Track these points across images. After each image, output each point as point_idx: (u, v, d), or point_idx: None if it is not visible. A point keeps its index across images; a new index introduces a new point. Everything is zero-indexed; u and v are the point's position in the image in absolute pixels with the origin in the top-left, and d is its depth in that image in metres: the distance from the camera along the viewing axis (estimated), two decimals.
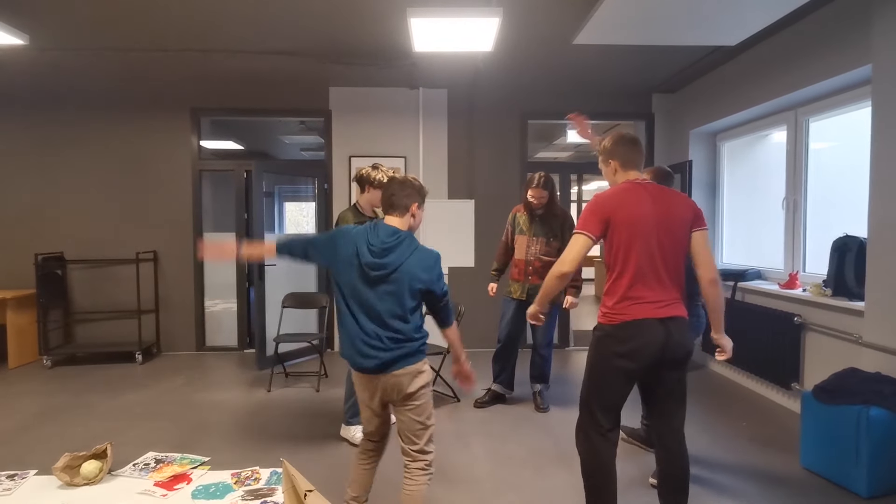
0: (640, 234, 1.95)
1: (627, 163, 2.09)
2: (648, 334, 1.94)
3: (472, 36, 3.30)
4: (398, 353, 1.93)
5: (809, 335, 3.51)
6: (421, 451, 2.03)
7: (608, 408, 2.04)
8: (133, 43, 4.02)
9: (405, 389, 1.97)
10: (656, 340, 1.94)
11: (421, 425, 2.02)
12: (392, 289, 1.91)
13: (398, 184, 2.04)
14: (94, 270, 5.20)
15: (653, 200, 1.99)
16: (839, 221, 3.54)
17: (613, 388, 2.02)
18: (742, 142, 4.83)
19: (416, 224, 2.06)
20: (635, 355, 1.95)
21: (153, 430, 3.32)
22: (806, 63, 3.52)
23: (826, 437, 2.67)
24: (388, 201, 2.02)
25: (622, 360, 1.96)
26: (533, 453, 2.98)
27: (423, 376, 2.01)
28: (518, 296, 3.65)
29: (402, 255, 1.92)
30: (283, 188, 9.59)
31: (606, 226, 1.97)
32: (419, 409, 2.01)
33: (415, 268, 1.92)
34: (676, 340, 1.97)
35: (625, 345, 1.95)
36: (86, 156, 5.15)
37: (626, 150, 2.10)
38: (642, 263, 1.95)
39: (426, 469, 2.03)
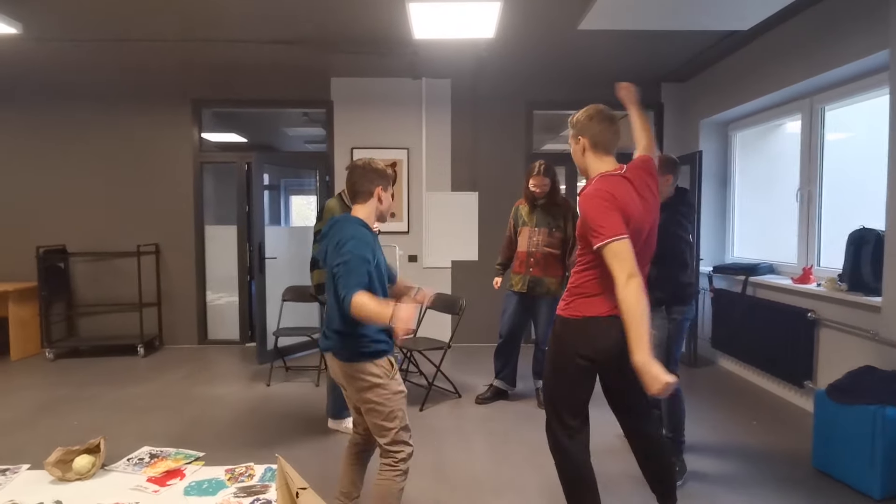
0: (635, 227, 1.79)
1: (599, 144, 1.85)
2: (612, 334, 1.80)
3: (472, 22, 3.21)
4: (339, 344, 1.90)
5: (823, 331, 3.39)
6: (386, 448, 1.93)
7: (576, 406, 1.95)
8: (133, 33, 3.97)
9: (351, 386, 1.93)
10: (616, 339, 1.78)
11: (380, 427, 1.92)
12: (329, 274, 1.91)
13: (359, 169, 1.97)
14: (97, 263, 5.19)
15: (637, 189, 1.85)
16: (855, 214, 3.41)
17: (579, 387, 1.95)
18: (754, 132, 4.68)
19: (385, 208, 2.02)
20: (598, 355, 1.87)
21: (151, 424, 3.29)
22: (822, 49, 3.37)
23: (839, 438, 2.56)
24: (352, 189, 1.98)
25: (585, 359, 1.88)
26: (535, 451, 2.90)
27: (368, 380, 1.88)
28: (519, 289, 3.56)
29: (331, 240, 1.90)
30: (289, 181, 9.57)
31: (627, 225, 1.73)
32: (374, 412, 1.91)
33: (332, 248, 1.87)
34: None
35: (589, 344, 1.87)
36: (87, 148, 5.12)
37: (601, 128, 1.85)
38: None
39: (393, 467, 1.92)
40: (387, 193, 2.01)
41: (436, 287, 4.65)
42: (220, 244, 5.33)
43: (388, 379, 1.91)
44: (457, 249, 5.28)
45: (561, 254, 3.49)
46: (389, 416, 1.91)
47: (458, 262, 5.29)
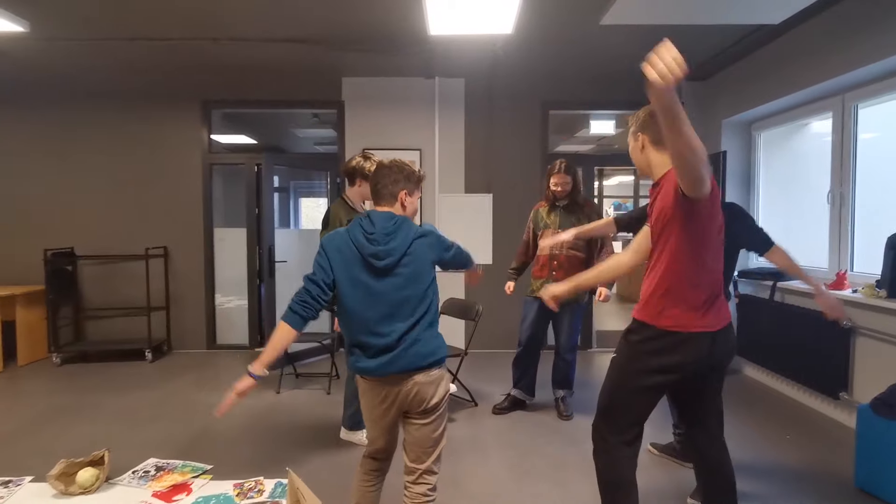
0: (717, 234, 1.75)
1: (660, 140, 1.75)
2: (694, 349, 1.73)
3: (491, 16, 3.08)
4: (418, 352, 1.73)
5: (861, 340, 3.22)
6: (428, 470, 1.82)
7: (637, 420, 1.84)
8: (141, 33, 3.89)
9: (427, 398, 1.76)
10: (701, 354, 1.73)
11: (433, 442, 1.82)
12: (407, 272, 1.74)
13: (385, 169, 1.83)
14: (105, 266, 5.11)
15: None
16: (890, 217, 3.24)
17: (647, 400, 1.82)
18: (780, 131, 4.51)
19: (409, 213, 1.86)
20: (675, 370, 1.76)
21: (157, 434, 3.19)
22: (858, 43, 3.21)
23: (885, 456, 2.39)
24: (375, 191, 1.84)
25: (661, 374, 1.76)
26: (556, 466, 2.76)
27: (445, 383, 1.83)
28: (541, 294, 3.41)
29: (407, 237, 1.75)
30: (299, 184, 9.50)
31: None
32: (436, 423, 1.81)
33: (423, 247, 1.77)
34: (722, 350, 1.78)
35: (667, 357, 1.74)
36: (95, 150, 5.05)
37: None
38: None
39: (429, 495, 1.81)
40: (413, 198, 1.85)
41: (449, 293, 4.54)
42: (229, 247, 5.24)
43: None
44: (470, 253, 5.13)
45: (586, 256, 3.35)
46: (445, 430, 1.85)
47: None
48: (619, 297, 9.15)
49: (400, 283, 1.74)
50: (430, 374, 1.76)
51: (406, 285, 1.74)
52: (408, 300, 1.74)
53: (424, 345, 1.74)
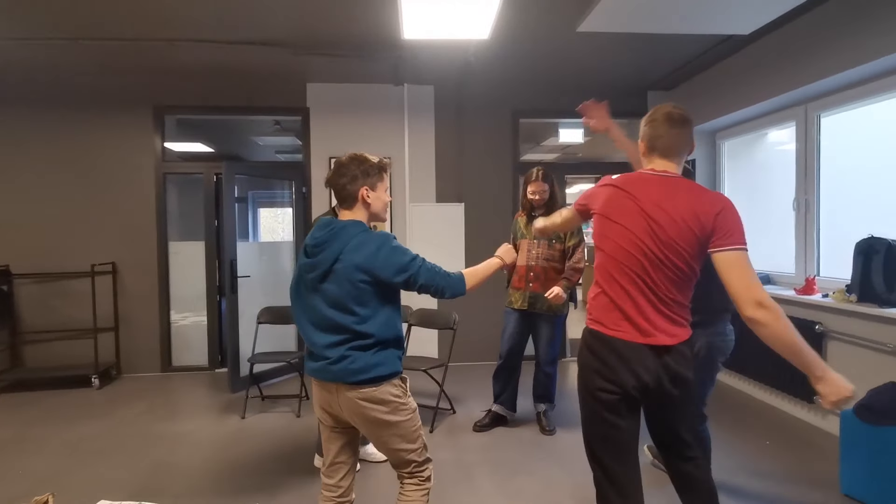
0: (629, 235, 1.64)
1: (654, 148, 1.71)
2: (628, 364, 1.62)
3: (468, 20, 2.99)
4: (346, 368, 1.61)
5: (832, 344, 3.28)
6: (410, 472, 1.78)
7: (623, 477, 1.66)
8: (87, 32, 3.58)
9: (363, 414, 1.66)
10: (640, 373, 1.61)
11: (405, 451, 1.75)
12: (333, 288, 1.61)
13: (340, 168, 1.69)
14: (45, 285, 4.68)
15: (658, 199, 1.62)
16: (856, 221, 3.34)
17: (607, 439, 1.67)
18: (742, 140, 4.63)
19: (377, 210, 1.73)
20: (613, 389, 1.64)
21: (107, 471, 2.87)
22: (822, 54, 3.30)
23: (872, 461, 2.41)
24: (336, 194, 1.72)
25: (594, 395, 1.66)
26: (547, 487, 2.65)
27: (387, 406, 1.66)
28: (519, 306, 3.33)
29: (339, 246, 1.61)
30: (258, 193, 9.13)
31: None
32: (395, 439, 1.71)
33: (353, 259, 1.60)
34: (673, 374, 1.63)
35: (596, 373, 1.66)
36: (34, 158, 4.64)
37: (650, 129, 1.72)
38: (626, 275, 1.66)
39: (421, 485, 1.78)
40: (376, 192, 1.71)
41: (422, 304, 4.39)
42: (185, 261, 4.91)
43: (406, 397, 1.73)
44: (443, 263, 4.90)
45: (562, 267, 3.28)
46: (413, 435, 1.74)
47: None
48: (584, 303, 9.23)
49: (323, 302, 1.63)
50: (363, 392, 1.63)
51: (331, 305, 1.62)
52: (338, 315, 1.62)
53: (354, 361, 1.61)
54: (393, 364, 1.68)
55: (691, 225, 1.56)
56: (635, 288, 1.60)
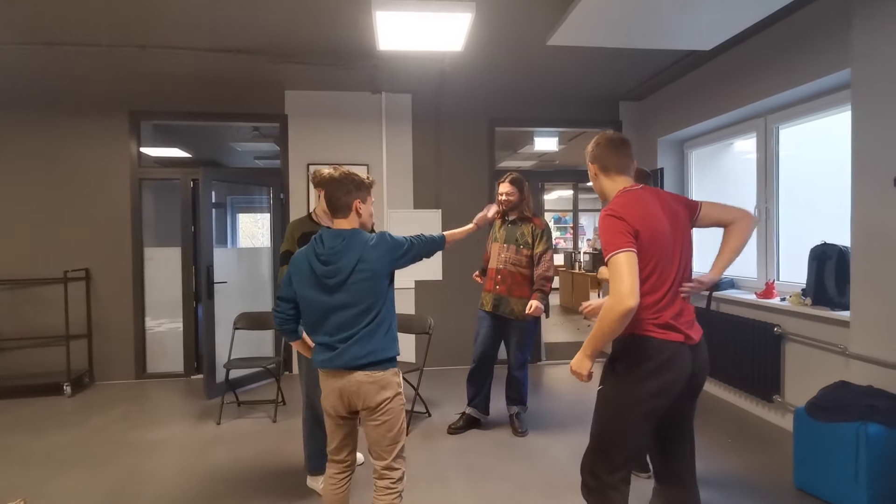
0: (665, 245, 1.73)
1: (608, 167, 1.86)
2: (683, 362, 1.72)
3: (441, 33, 3.08)
4: (355, 354, 1.84)
5: (790, 346, 3.44)
6: (388, 467, 1.92)
7: (641, 449, 1.80)
8: (62, 37, 3.56)
9: (368, 397, 1.86)
10: (687, 369, 1.73)
11: (390, 440, 1.91)
12: (357, 286, 1.84)
13: (336, 182, 1.90)
14: (15, 292, 4.61)
15: (660, 203, 1.80)
16: (813, 228, 3.50)
17: (642, 432, 1.76)
18: (709, 150, 4.81)
19: (365, 219, 1.97)
20: (673, 387, 1.71)
21: (79, 480, 2.86)
22: (779, 69, 3.48)
23: (822, 457, 2.54)
24: (330, 204, 1.92)
25: (658, 392, 1.70)
26: (519, 488, 2.72)
27: (390, 389, 1.89)
28: (488, 308, 3.42)
29: (355, 253, 1.84)
30: (237, 199, 9.06)
31: (636, 238, 1.67)
32: (388, 424, 1.90)
33: (372, 258, 1.85)
34: (701, 366, 1.80)
35: (664, 374, 1.70)
36: (6, 163, 4.57)
37: (606, 152, 1.87)
38: (670, 278, 1.74)
39: (393, 488, 1.92)
40: (366, 204, 1.95)
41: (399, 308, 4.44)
42: (161, 267, 4.89)
43: (401, 389, 1.94)
44: (420, 269, 5.06)
45: (529, 273, 3.37)
46: (401, 428, 1.93)
47: (421, 281, 5.09)
48: (561, 307, 9.38)
49: (349, 297, 1.84)
50: (372, 375, 1.85)
51: (356, 298, 1.84)
52: (357, 310, 1.84)
53: (362, 346, 1.83)
54: (396, 349, 1.93)
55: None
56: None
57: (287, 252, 2.58)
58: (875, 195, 2.71)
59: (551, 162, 8.52)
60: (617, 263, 1.60)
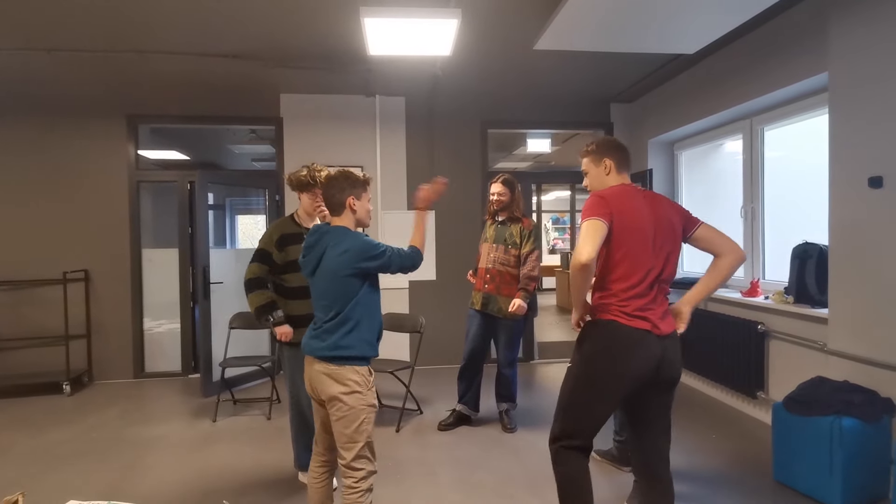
0: (642, 236, 1.84)
1: (622, 166, 2.03)
2: (647, 350, 1.82)
3: (429, 39, 3.16)
4: (315, 346, 1.95)
5: (773, 343, 3.51)
6: (349, 466, 1.92)
7: (595, 425, 1.89)
8: (61, 43, 3.65)
9: (322, 388, 1.94)
10: (653, 358, 1.82)
11: (347, 438, 1.92)
12: (320, 280, 1.97)
13: (331, 181, 2.01)
14: (15, 293, 4.69)
15: (650, 206, 1.91)
16: (796, 228, 3.57)
17: (606, 403, 1.88)
18: (699, 151, 4.88)
19: (362, 216, 2.04)
20: (634, 372, 1.82)
21: (78, 474, 2.94)
22: (762, 72, 3.55)
23: (799, 450, 2.61)
24: (327, 204, 2.03)
25: (620, 374, 1.83)
26: (504, 481, 2.79)
27: (346, 385, 1.91)
28: (478, 307, 3.49)
29: (323, 246, 1.97)
30: (235, 201, 9.17)
31: (612, 220, 1.82)
32: (344, 421, 1.91)
33: (333, 255, 1.94)
34: (671, 360, 1.86)
35: (626, 357, 1.82)
36: (6, 166, 4.66)
37: (621, 153, 2.05)
38: (645, 269, 1.84)
39: (354, 487, 1.92)
40: (361, 201, 2.02)
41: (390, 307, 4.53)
42: (159, 268, 4.96)
43: (365, 390, 1.94)
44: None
45: (518, 272, 3.43)
46: (360, 431, 1.92)
47: (415, 282, 5.17)
48: (558, 308, 9.45)
49: (320, 286, 1.99)
50: (328, 367, 1.92)
51: (324, 290, 1.97)
52: (325, 303, 1.97)
53: (322, 339, 1.93)
54: (360, 349, 1.93)
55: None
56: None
57: (262, 251, 2.65)
58: (851, 195, 2.78)
59: (547, 163, 8.59)
60: (584, 227, 1.81)
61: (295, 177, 2.73)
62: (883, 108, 2.60)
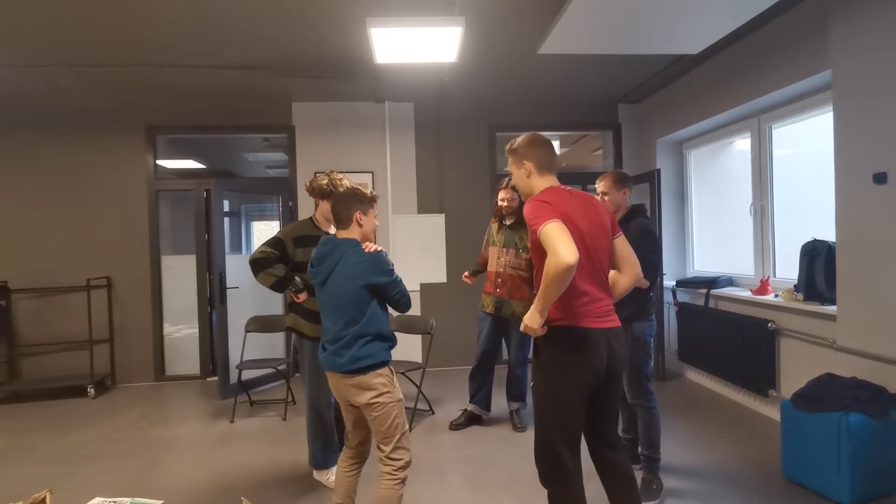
0: (581, 237, 1.80)
1: (544, 166, 1.95)
2: (597, 346, 1.82)
3: (435, 46, 3.23)
4: (335, 362, 2.04)
5: (784, 341, 3.50)
6: (388, 456, 2.07)
7: (575, 438, 1.88)
8: (82, 59, 3.80)
9: (353, 397, 2.05)
10: (602, 355, 1.83)
11: (383, 434, 2.06)
12: (330, 292, 2.05)
13: (340, 196, 2.14)
14: (42, 300, 4.87)
15: (582, 206, 1.89)
16: (806, 226, 3.56)
17: (576, 411, 1.87)
18: (707, 150, 4.87)
19: (367, 230, 2.13)
20: (591, 371, 1.82)
21: (102, 473, 3.06)
22: (767, 71, 3.56)
23: (807, 446, 2.61)
24: (334, 216, 2.13)
25: (584, 373, 1.82)
26: (512, 479, 2.84)
27: (374, 391, 2.02)
28: (490, 310, 3.54)
29: (338, 255, 2.04)
30: (250, 207, 9.34)
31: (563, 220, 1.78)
32: (380, 419, 2.04)
33: (346, 267, 2.02)
34: (618, 352, 1.88)
35: (584, 355, 1.82)
36: (32, 178, 4.85)
37: (544, 151, 1.96)
38: (585, 267, 1.81)
39: (393, 475, 2.06)
40: (367, 217, 2.12)
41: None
42: (178, 274, 5.11)
43: (392, 387, 2.07)
44: (425, 272, 5.23)
45: (529, 276, 3.48)
46: (396, 425, 2.06)
47: (426, 284, 5.24)
48: None
49: (331, 298, 2.07)
50: (353, 379, 2.02)
51: (337, 302, 2.05)
52: (342, 320, 2.04)
53: (341, 355, 2.03)
54: (379, 356, 2.04)
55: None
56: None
57: (277, 239, 2.70)
58: (857, 192, 2.78)
59: (558, 165, 8.60)
60: (551, 232, 1.69)
61: (316, 184, 2.81)
62: (885, 104, 2.60)
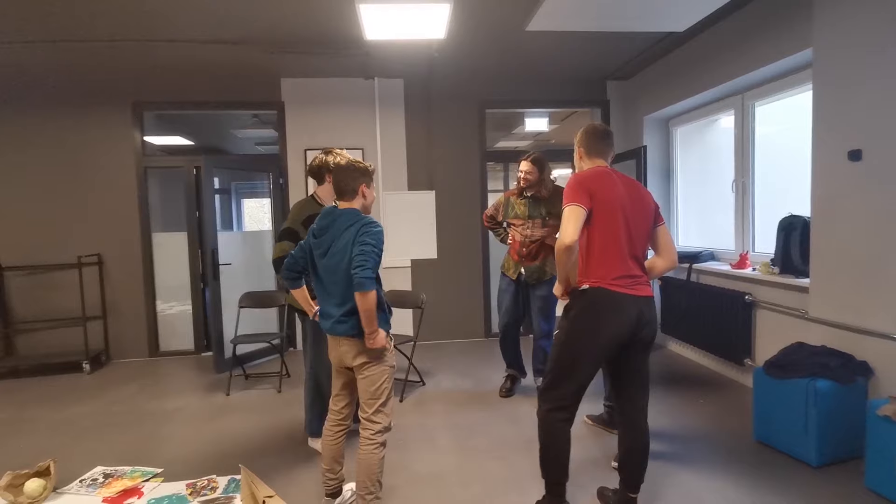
0: (617, 213, 2.05)
1: (592, 151, 2.25)
2: (626, 311, 2.02)
3: (424, 23, 3.24)
4: (336, 327, 2.14)
5: (760, 312, 3.64)
6: (369, 419, 2.16)
7: (580, 384, 2.08)
8: (67, 34, 3.76)
9: (350, 357, 2.15)
10: (631, 318, 2.02)
11: (370, 395, 2.16)
12: (334, 262, 2.11)
13: (342, 170, 2.20)
14: (34, 277, 4.89)
15: (627, 190, 2.11)
16: (785, 202, 3.66)
17: (590, 363, 2.07)
18: (693, 127, 4.94)
19: (368, 203, 2.24)
20: (615, 330, 2.02)
21: (101, 444, 3.15)
22: (750, 49, 3.61)
23: (777, 411, 2.76)
24: (338, 188, 2.19)
25: (603, 332, 2.03)
26: (497, 444, 2.98)
27: (369, 353, 2.13)
28: (511, 274, 3.65)
29: (341, 225, 2.11)
30: (241, 185, 9.30)
31: (591, 200, 2.03)
32: (369, 380, 2.15)
33: (346, 236, 2.08)
34: (647, 320, 2.07)
35: (608, 317, 2.02)
36: (19, 155, 4.81)
37: (591, 139, 2.26)
38: (620, 242, 2.05)
39: (371, 439, 2.14)
40: (370, 189, 2.22)
41: (392, 285, 4.69)
42: (169, 252, 5.14)
43: (388, 352, 2.20)
44: (416, 248, 5.30)
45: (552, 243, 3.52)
46: (382, 390, 2.16)
47: (417, 260, 5.31)
48: None
49: (327, 273, 2.15)
50: (355, 341, 2.14)
51: (332, 276, 2.14)
52: (335, 287, 2.13)
53: (345, 322, 2.13)
54: (380, 323, 2.11)
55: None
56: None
57: (289, 229, 2.75)
58: (831, 168, 2.88)
59: (546, 142, 8.63)
60: (566, 213, 2.03)
61: (323, 162, 2.83)
62: (862, 82, 2.68)
